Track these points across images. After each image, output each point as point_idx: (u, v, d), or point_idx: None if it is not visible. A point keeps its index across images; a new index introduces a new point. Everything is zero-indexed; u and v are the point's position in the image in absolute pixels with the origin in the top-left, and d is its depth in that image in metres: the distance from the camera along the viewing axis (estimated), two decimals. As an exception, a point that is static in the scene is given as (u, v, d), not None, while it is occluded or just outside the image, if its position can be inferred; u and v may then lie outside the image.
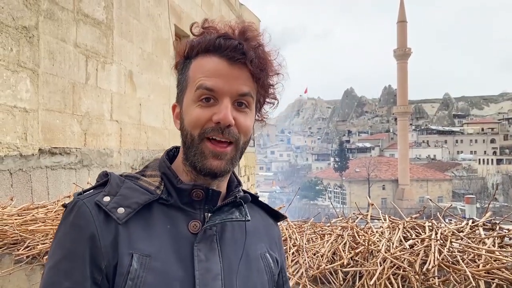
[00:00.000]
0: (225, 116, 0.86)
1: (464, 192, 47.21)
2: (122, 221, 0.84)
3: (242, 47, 0.87)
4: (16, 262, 1.95)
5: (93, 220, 0.83)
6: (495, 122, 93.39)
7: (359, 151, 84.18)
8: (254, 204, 1.08)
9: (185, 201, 0.91)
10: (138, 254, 0.83)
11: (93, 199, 0.86)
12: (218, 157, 0.88)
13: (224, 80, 0.87)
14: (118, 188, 0.88)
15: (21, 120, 3.96)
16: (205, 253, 0.88)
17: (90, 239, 0.82)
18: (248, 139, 0.94)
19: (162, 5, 6.99)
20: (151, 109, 6.54)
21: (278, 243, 1.09)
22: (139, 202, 0.87)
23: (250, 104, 0.92)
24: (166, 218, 0.89)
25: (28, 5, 4.04)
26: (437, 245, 1.55)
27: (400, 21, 59.71)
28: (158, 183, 0.92)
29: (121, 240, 0.83)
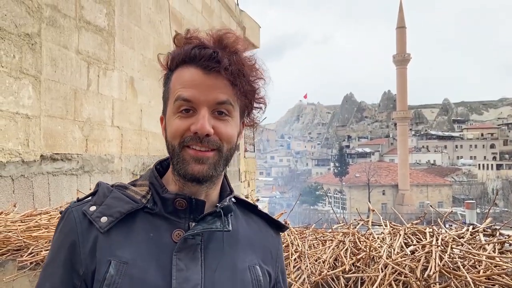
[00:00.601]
0: (201, 126, 0.87)
1: (464, 197, 47.20)
2: (104, 230, 0.87)
3: (216, 55, 0.88)
4: (19, 269, 1.96)
5: (76, 227, 0.88)
6: (494, 127, 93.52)
7: (359, 156, 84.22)
8: (253, 214, 1.07)
9: (170, 210, 0.92)
10: (116, 261, 0.85)
11: (81, 208, 0.91)
12: (200, 162, 0.89)
13: (200, 89, 0.89)
14: (104, 198, 0.92)
15: (23, 126, 3.98)
16: (186, 262, 0.87)
17: (71, 246, 0.87)
18: (233, 146, 0.94)
19: (163, 12, 7.03)
20: (152, 115, 6.57)
21: (274, 256, 1.05)
22: (122, 211, 0.89)
23: (231, 112, 0.92)
24: (149, 227, 0.90)
25: (31, 12, 4.07)
26: (438, 251, 1.56)
27: (399, 26, 59.97)
28: (145, 192, 0.94)
29: (101, 248, 0.86)
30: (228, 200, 0.96)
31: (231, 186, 1.03)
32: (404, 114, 57.02)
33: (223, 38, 0.92)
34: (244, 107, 0.96)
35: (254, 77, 0.94)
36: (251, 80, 0.93)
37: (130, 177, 5.92)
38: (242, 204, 1.07)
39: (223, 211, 0.93)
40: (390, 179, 56.95)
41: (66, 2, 4.57)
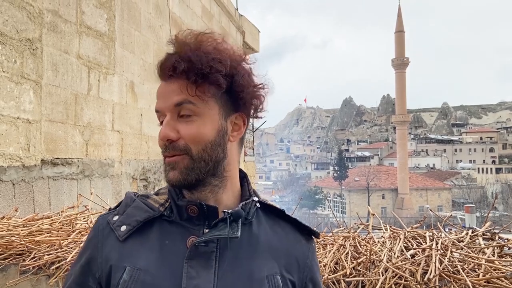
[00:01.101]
0: (161, 133, 0.91)
1: (464, 201, 47.20)
2: (122, 238, 0.91)
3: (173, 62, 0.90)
4: (22, 273, 1.97)
5: (99, 235, 0.95)
6: (493, 131, 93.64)
7: (358, 160, 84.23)
8: (281, 219, 1.03)
9: (185, 217, 0.92)
10: (130, 267, 0.87)
11: (107, 217, 0.97)
12: (172, 168, 0.91)
13: (162, 98, 0.94)
14: (126, 208, 0.97)
15: (24, 131, 4.00)
16: (198, 270, 0.86)
17: (92, 251, 0.94)
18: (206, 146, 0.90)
19: (163, 16, 7.07)
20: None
21: (302, 264, 0.99)
22: (139, 219, 0.93)
23: (195, 111, 0.90)
24: (165, 234, 0.91)
25: (32, 18, 4.09)
26: (438, 254, 1.58)
27: (397, 31, 60.19)
28: (164, 200, 0.97)
29: (118, 254, 0.90)
30: (241, 205, 0.94)
31: (251, 190, 1.00)
32: (403, 118, 57.14)
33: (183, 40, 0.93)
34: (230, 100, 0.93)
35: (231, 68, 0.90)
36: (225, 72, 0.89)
37: (130, 182, 5.93)
38: (268, 209, 1.02)
39: (232, 216, 0.91)
40: (389, 183, 56.95)
41: (67, 7, 4.60)
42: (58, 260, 1.90)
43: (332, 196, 60.29)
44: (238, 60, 0.93)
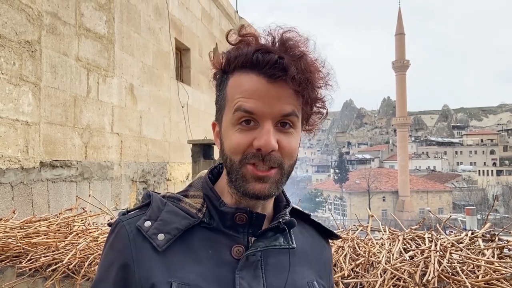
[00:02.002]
0: (266, 142, 0.79)
1: (465, 203, 47.10)
2: (162, 248, 0.81)
3: (282, 62, 0.79)
4: (18, 275, 1.96)
5: (130, 245, 0.82)
6: (494, 133, 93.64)
7: (359, 162, 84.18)
8: (305, 223, 1.00)
9: (228, 224, 0.87)
10: (177, 283, 0.79)
11: (134, 222, 0.85)
12: (261, 180, 0.82)
13: (264, 101, 0.80)
14: (159, 212, 0.86)
15: (23, 133, 3.99)
16: (248, 281, 0.83)
17: (124, 264, 0.81)
18: (294, 161, 0.86)
19: (163, 19, 7.07)
20: (151, 122, 6.58)
21: (328, 268, 1.00)
22: (180, 227, 0.84)
23: (295, 123, 0.84)
24: (208, 243, 0.85)
25: (31, 20, 4.09)
26: (437, 256, 1.56)
27: (398, 33, 60.27)
28: (200, 205, 0.88)
29: (159, 268, 0.80)
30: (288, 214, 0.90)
31: (287, 196, 0.96)
32: (404, 120, 57.13)
33: (286, 39, 0.82)
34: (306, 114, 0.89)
35: (320, 85, 0.85)
36: (318, 87, 0.84)
37: (130, 184, 5.92)
38: (296, 213, 0.98)
39: (287, 226, 0.87)
40: (390, 186, 56.87)
41: (66, 9, 4.60)
42: (55, 262, 1.89)
43: (333, 199, 60.21)
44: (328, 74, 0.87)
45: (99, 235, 2.00)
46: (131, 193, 5.96)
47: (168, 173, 7.17)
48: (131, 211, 0.90)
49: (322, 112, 0.91)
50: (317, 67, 0.84)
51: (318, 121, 0.92)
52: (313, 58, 0.84)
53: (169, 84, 7.27)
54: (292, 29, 0.84)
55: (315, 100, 0.85)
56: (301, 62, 0.81)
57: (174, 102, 7.48)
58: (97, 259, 1.83)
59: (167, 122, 7.17)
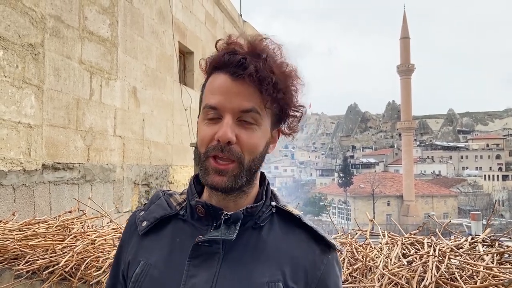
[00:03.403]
0: (223, 133, 0.86)
1: (470, 208, 46.80)
2: (141, 232, 0.98)
3: (244, 61, 0.86)
4: (16, 277, 1.96)
5: (128, 230, 1.04)
6: (500, 138, 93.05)
7: (363, 166, 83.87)
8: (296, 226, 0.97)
9: (196, 217, 0.95)
10: (144, 262, 0.93)
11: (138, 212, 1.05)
12: (219, 173, 0.88)
13: (226, 96, 0.87)
14: (150, 204, 1.03)
15: (25, 135, 4.00)
16: (199, 269, 0.88)
17: (121, 244, 1.05)
18: (256, 156, 0.91)
19: (166, 22, 7.09)
20: (154, 125, 6.59)
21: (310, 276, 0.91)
22: (156, 216, 0.98)
23: (257, 120, 0.89)
24: (177, 232, 0.95)
25: (34, 23, 4.12)
26: (435, 261, 1.55)
27: (403, 37, 60.13)
28: (183, 200, 1.01)
29: (137, 248, 0.97)
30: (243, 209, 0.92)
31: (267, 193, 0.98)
32: (409, 125, 56.90)
33: (256, 44, 0.89)
34: (278, 115, 0.94)
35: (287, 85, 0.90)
36: (283, 87, 0.89)
37: (132, 187, 5.93)
38: (285, 215, 0.98)
39: (231, 218, 0.90)
40: (395, 190, 56.59)
41: (69, 13, 4.62)
42: (52, 265, 1.88)
43: (337, 203, 60.01)
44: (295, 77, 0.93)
45: (97, 238, 2.00)
46: (133, 196, 5.97)
47: (171, 176, 7.18)
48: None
49: (295, 115, 0.96)
50: (281, 69, 0.90)
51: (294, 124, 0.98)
52: (278, 61, 0.90)
53: (172, 87, 7.29)
54: (269, 37, 0.92)
55: (281, 100, 0.90)
56: (262, 62, 0.87)
57: (177, 105, 7.49)
58: (94, 262, 1.83)
59: (170, 125, 7.18)
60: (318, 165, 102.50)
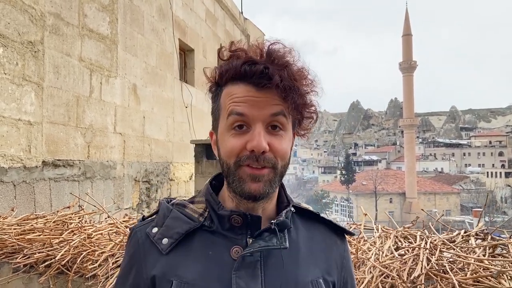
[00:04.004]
0: (258, 143, 0.85)
1: (473, 205, 46.73)
2: (166, 251, 0.90)
3: (267, 71, 0.86)
4: (14, 271, 1.98)
5: (140, 250, 0.93)
6: (503, 134, 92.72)
7: (365, 164, 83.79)
8: (316, 222, 1.03)
9: (227, 227, 0.92)
10: (177, 281, 0.86)
11: (145, 228, 0.96)
12: (256, 180, 0.87)
13: (253, 104, 0.87)
14: (165, 219, 0.95)
15: (25, 132, 4.03)
16: (246, 280, 0.86)
17: (135, 267, 0.93)
18: (287, 162, 0.92)
19: (167, 20, 7.11)
20: (154, 122, 6.61)
21: (339, 265, 1.01)
22: (181, 232, 0.91)
23: (285, 125, 0.90)
24: (208, 245, 0.91)
25: (34, 20, 4.14)
26: (426, 254, 1.56)
27: (405, 34, 59.96)
28: (203, 210, 0.95)
29: (163, 269, 0.89)
30: (284, 214, 0.94)
31: (288, 196, 1.00)
32: (411, 122, 56.77)
33: (272, 51, 0.89)
34: (296, 119, 0.95)
35: (305, 90, 0.91)
36: (303, 93, 0.91)
37: (133, 184, 5.96)
38: (303, 212, 1.03)
39: (279, 227, 0.91)
40: (397, 187, 56.51)
41: (69, 10, 4.64)
42: (49, 259, 1.91)
43: (339, 200, 60.01)
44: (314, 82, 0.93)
45: (93, 232, 2.02)
46: (134, 193, 6.00)
47: (172, 173, 7.20)
48: (146, 218, 1.00)
49: (312, 116, 0.97)
50: (301, 75, 0.90)
51: (309, 125, 0.98)
52: (297, 66, 0.91)
53: (172, 84, 7.31)
54: (278, 41, 0.91)
55: (302, 105, 0.91)
56: (285, 70, 0.87)
57: (178, 102, 7.51)
58: (90, 256, 1.85)
59: (170, 122, 7.20)
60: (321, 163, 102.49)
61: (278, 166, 0.89)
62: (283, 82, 0.86)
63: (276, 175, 0.89)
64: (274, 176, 0.89)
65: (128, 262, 0.95)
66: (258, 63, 0.87)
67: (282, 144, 0.89)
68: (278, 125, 0.89)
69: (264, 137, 0.86)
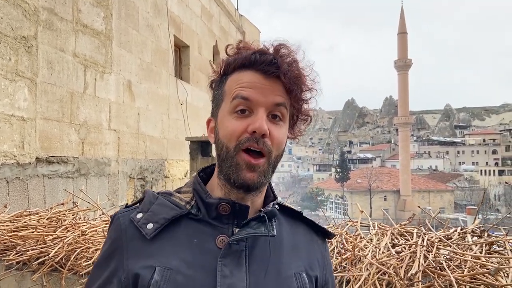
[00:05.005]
0: (260, 125, 0.87)
1: (466, 203, 47.01)
2: (150, 236, 0.88)
3: (276, 61, 0.89)
4: (6, 268, 1.96)
5: (122, 234, 0.90)
6: (496, 133, 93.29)
7: (360, 161, 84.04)
8: (299, 220, 1.06)
9: (214, 215, 0.92)
10: (161, 267, 0.85)
11: (128, 214, 0.93)
12: (252, 169, 0.88)
13: (259, 91, 0.89)
14: (150, 205, 0.93)
15: (19, 128, 3.99)
16: (231, 268, 0.87)
17: (117, 251, 0.89)
18: (280, 153, 0.93)
19: (162, 16, 7.06)
20: (149, 119, 6.58)
21: (321, 263, 1.04)
22: (167, 217, 0.90)
23: (284, 116, 0.93)
24: (193, 233, 0.90)
25: (27, 15, 4.09)
26: (423, 251, 1.56)
27: (400, 32, 60.11)
28: (190, 198, 0.95)
29: (146, 254, 0.87)
30: (271, 205, 0.96)
31: (275, 192, 1.02)
32: (406, 120, 56.99)
33: (280, 47, 0.93)
34: (292, 116, 0.97)
35: (307, 88, 0.95)
36: (304, 90, 0.94)
37: (127, 181, 5.92)
38: (286, 211, 1.05)
39: (267, 216, 0.92)
40: (391, 185, 56.73)
41: (63, 5, 4.59)
42: (43, 256, 1.88)
43: (334, 198, 60.16)
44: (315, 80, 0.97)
45: (87, 229, 2.00)
46: (129, 190, 5.97)
47: (166, 170, 7.17)
48: (129, 206, 0.98)
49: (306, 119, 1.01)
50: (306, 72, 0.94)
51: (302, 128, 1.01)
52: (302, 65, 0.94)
53: (167, 81, 7.27)
54: (285, 42, 0.94)
55: (303, 101, 0.95)
56: (292, 64, 0.92)
57: (173, 99, 7.48)
58: (84, 253, 1.83)
59: (165, 119, 7.17)
60: (316, 160, 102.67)
61: (272, 155, 0.91)
62: (290, 73, 0.90)
63: (269, 165, 0.91)
64: (267, 166, 0.90)
65: (109, 246, 0.92)
66: (268, 54, 0.91)
67: (280, 133, 0.91)
68: (278, 115, 0.91)
69: (266, 123, 0.88)
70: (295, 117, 0.97)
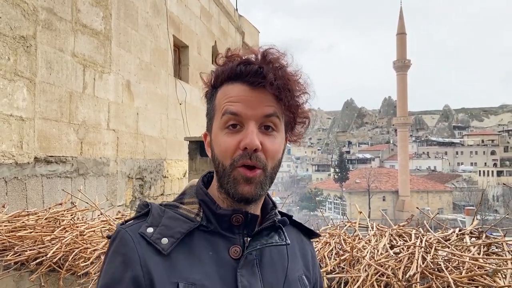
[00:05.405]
0: (250, 141, 0.86)
1: (465, 204, 47.07)
2: (167, 251, 0.85)
3: (262, 71, 0.88)
4: (4, 269, 1.96)
5: (136, 248, 0.84)
6: (495, 134, 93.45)
7: (359, 162, 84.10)
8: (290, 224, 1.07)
9: (225, 226, 0.92)
10: (184, 283, 0.83)
11: (136, 229, 0.88)
12: (248, 182, 0.88)
13: (247, 104, 0.88)
14: (160, 219, 0.90)
15: (17, 128, 3.98)
16: (248, 278, 0.88)
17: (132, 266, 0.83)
18: (277, 163, 0.93)
19: (161, 16, 7.06)
20: (148, 119, 6.57)
21: (312, 263, 1.08)
22: (182, 231, 0.88)
23: (277, 126, 0.91)
24: (207, 245, 0.90)
25: (26, 15, 4.09)
26: (421, 252, 1.56)
27: (399, 33, 60.17)
28: (197, 210, 0.93)
29: (165, 270, 0.84)
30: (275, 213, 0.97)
31: (272, 199, 1.03)
32: (405, 120, 57.05)
33: (267, 54, 0.91)
34: (288, 121, 0.96)
35: (298, 92, 0.93)
36: (296, 95, 0.93)
37: (126, 181, 5.92)
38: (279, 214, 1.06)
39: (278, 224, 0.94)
40: (390, 185, 56.77)
41: (62, 5, 4.59)
42: (41, 256, 1.88)
43: (333, 198, 60.17)
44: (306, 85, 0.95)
45: (86, 230, 2.00)
46: (127, 190, 5.96)
47: (165, 170, 7.17)
48: (129, 221, 0.93)
49: (304, 121, 0.99)
50: (294, 77, 0.93)
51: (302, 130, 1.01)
52: (291, 69, 0.93)
53: (166, 81, 7.26)
54: (272, 46, 0.93)
55: (295, 107, 0.93)
56: (279, 71, 0.90)
57: (172, 99, 7.47)
58: (82, 253, 1.83)
59: (164, 119, 7.16)
60: (314, 161, 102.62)
61: (268, 167, 0.90)
62: (277, 81, 0.88)
63: (266, 177, 0.91)
64: (264, 178, 0.90)
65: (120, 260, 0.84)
66: (253, 63, 0.90)
67: (274, 144, 0.91)
68: (271, 126, 0.90)
69: (257, 136, 0.88)
70: (291, 122, 0.97)
